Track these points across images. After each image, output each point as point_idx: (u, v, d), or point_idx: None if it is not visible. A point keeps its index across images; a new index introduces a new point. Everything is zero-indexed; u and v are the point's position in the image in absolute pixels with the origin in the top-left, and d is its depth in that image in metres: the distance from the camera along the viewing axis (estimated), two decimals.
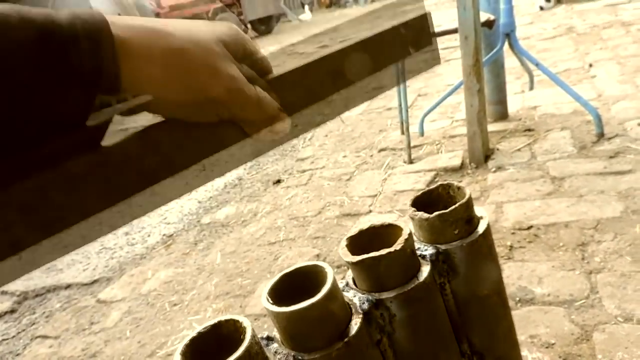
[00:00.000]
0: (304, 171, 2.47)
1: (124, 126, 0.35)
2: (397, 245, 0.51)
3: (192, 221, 2.25)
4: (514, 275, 1.31)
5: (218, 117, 0.36)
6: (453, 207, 0.55)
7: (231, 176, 2.66)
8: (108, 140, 0.33)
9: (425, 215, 0.56)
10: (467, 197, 0.57)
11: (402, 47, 0.49)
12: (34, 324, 1.76)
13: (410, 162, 2.21)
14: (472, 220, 0.58)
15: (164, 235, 2.19)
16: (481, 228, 0.58)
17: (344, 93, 0.44)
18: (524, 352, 1.04)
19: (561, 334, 1.08)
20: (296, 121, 0.40)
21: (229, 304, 1.56)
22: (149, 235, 2.22)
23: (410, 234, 0.52)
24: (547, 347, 1.06)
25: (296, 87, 0.41)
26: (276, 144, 0.41)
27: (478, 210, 0.60)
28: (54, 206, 0.30)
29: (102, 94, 0.31)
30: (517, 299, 1.23)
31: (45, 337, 1.66)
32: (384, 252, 0.50)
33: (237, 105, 0.35)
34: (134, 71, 0.31)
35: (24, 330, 1.73)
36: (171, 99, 0.33)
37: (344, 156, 2.52)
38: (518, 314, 1.17)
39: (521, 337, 1.09)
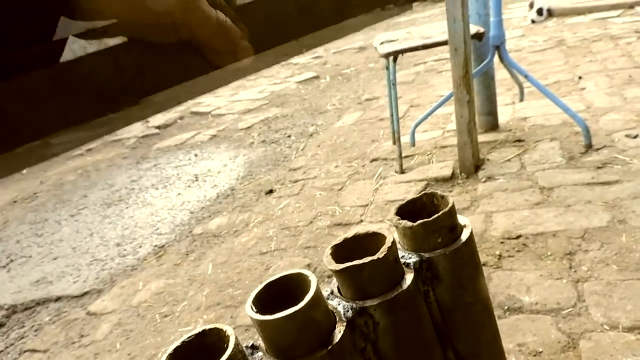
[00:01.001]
0: (296, 181, 2.47)
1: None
2: (380, 254, 0.51)
3: (184, 232, 2.24)
4: (503, 284, 1.32)
5: (178, 37, 0.37)
6: (436, 215, 0.56)
7: (223, 186, 2.66)
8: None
9: (409, 223, 0.57)
10: (450, 205, 0.58)
11: None
12: (22, 337, 1.74)
13: (402, 172, 2.22)
14: (455, 229, 0.59)
15: (155, 246, 2.18)
16: (464, 236, 0.59)
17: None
18: None
19: (548, 342, 1.09)
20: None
21: (220, 314, 1.56)
22: (140, 246, 2.21)
23: (393, 242, 0.53)
24: (534, 356, 1.06)
25: (260, 18, 0.43)
26: (244, 73, 0.42)
27: (461, 218, 0.61)
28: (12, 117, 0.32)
29: (68, 17, 0.33)
30: (506, 307, 1.24)
31: (34, 350, 1.64)
32: (367, 260, 0.51)
33: (196, 23, 0.37)
34: None
35: (12, 344, 1.71)
36: (131, 16, 0.34)
37: (336, 166, 2.53)
38: (506, 323, 1.18)
39: (509, 345, 1.10)
